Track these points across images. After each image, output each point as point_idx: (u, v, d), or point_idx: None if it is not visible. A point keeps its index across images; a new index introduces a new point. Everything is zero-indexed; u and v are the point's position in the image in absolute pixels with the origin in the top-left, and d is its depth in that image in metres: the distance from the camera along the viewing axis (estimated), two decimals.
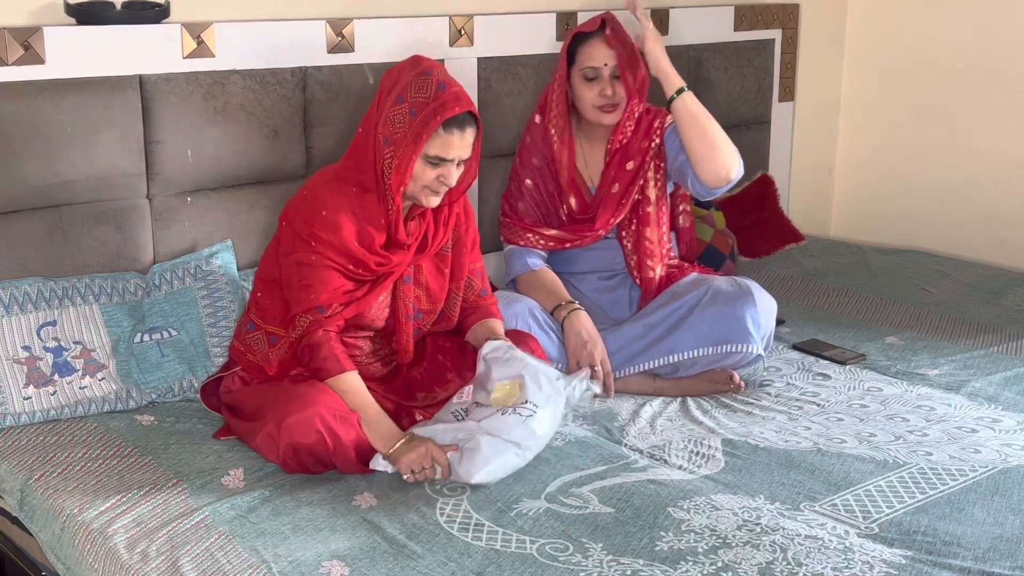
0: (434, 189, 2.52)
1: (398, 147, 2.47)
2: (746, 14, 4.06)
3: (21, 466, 2.41)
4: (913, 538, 2.14)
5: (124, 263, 2.87)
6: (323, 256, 2.47)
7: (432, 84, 2.47)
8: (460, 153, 2.49)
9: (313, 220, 2.49)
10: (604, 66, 2.94)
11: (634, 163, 3.02)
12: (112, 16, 2.78)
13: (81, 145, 2.75)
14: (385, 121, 2.48)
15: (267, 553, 2.04)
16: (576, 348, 2.85)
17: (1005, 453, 2.51)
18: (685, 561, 2.05)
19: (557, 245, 3.07)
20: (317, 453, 2.34)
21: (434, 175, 2.49)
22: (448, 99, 2.45)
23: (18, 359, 2.59)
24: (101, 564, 2.09)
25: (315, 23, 3.07)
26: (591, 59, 2.96)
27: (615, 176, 3.03)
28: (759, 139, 4.22)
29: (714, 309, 2.87)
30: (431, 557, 2.05)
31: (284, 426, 2.32)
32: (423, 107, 2.45)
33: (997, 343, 3.22)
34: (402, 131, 2.46)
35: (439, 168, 2.49)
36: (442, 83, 2.48)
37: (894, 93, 4.38)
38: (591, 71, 2.95)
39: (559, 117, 3.03)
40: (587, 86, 2.97)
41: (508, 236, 3.11)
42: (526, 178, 3.10)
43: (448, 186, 2.53)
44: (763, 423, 2.69)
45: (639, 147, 3.02)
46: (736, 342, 2.85)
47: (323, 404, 2.36)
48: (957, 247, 4.15)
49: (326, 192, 2.53)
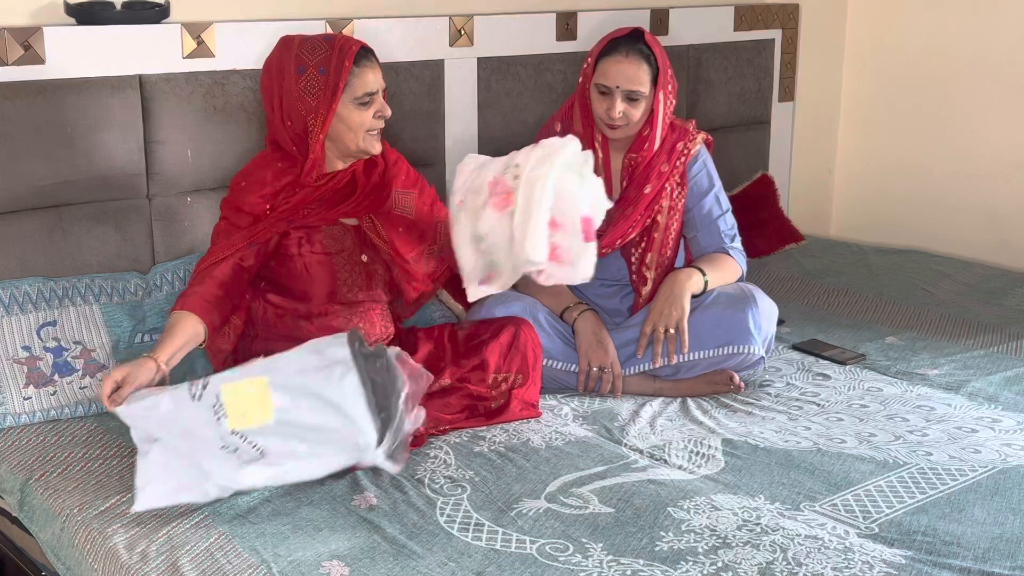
0: (375, 129, 2.59)
1: (320, 103, 2.52)
2: (746, 14, 4.06)
3: (21, 466, 2.41)
4: (913, 538, 2.14)
5: (124, 263, 2.87)
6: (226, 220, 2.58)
7: (321, 40, 2.55)
8: (380, 82, 2.58)
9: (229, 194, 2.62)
10: (616, 88, 2.84)
11: (652, 188, 2.94)
12: (112, 16, 2.79)
13: (81, 145, 2.76)
14: (300, 96, 2.51)
15: (267, 553, 2.04)
16: (589, 348, 2.85)
17: (1005, 453, 2.51)
18: (685, 561, 2.05)
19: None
20: None
21: (371, 112, 2.56)
22: (343, 43, 2.54)
23: (18, 359, 2.59)
24: (101, 564, 2.09)
25: (315, 23, 3.07)
26: (605, 76, 2.85)
27: (632, 198, 2.96)
28: (759, 139, 4.22)
29: (716, 311, 2.87)
30: (431, 557, 2.05)
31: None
32: (327, 61, 2.51)
33: (997, 343, 3.22)
34: (320, 89, 2.51)
35: (371, 105, 2.56)
36: (328, 36, 2.57)
37: (894, 93, 4.38)
38: (603, 87, 2.87)
39: (588, 134, 2.93)
40: (599, 99, 2.89)
41: None
42: None
43: (386, 116, 2.59)
44: (763, 423, 2.69)
45: (659, 170, 2.95)
46: (737, 344, 2.84)
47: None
48: (957, 247, 4.15)
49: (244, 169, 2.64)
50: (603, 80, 2.86)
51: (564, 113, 3.04)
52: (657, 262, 3.01)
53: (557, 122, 3.03)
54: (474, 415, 2.64)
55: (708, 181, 3.03)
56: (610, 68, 2.85)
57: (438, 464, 2.42)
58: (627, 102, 2.85)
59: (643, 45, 2.85)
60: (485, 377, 2.68)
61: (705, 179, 3.02)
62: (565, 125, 3.00)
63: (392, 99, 3.22)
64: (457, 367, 2.67)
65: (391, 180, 2.70)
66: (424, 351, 2.72)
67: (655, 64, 2.86)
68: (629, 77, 2.83)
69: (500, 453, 2.48)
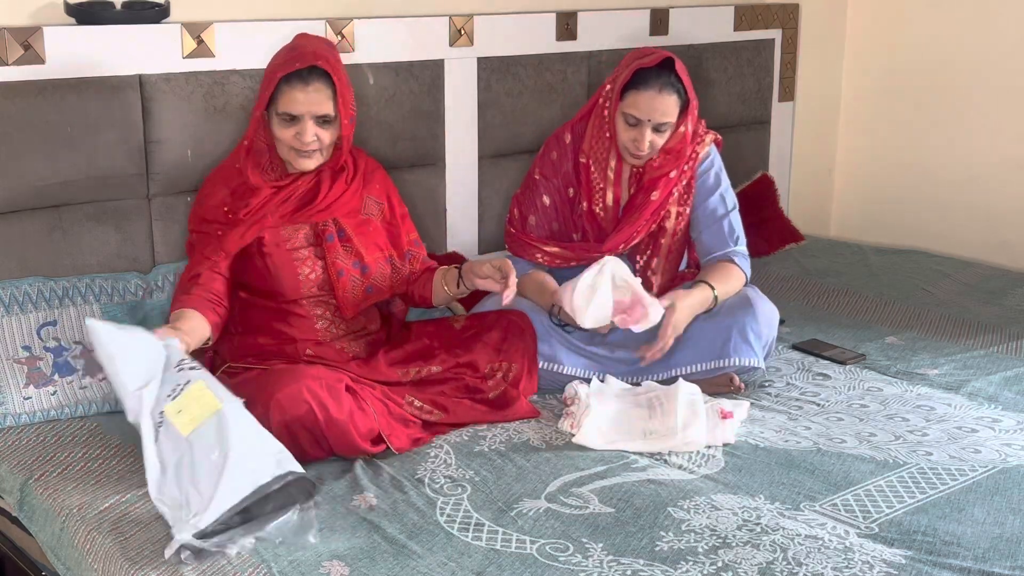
0: (297, 149, 2.59)
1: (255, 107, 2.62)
2: (746, 14, 4.06)
3: (21, 466, 2.41)
4: (913, 538, 2.14)
5: (124, 263, 2.87)
6: (195, 232, 2.66)
7: (286, 49, 2.59)
8: (311, 108, 2.55)
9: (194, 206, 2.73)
10: (647, 121, 2.84)
11: (659, 194, 2.94)
12: (112, 16, 2.79)
13: (81, 145, 2.76)
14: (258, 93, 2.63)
15: (267, 553, 2.04)
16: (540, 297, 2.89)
17: (1005, 453, 2.51)
18: (685, 561, 2.05)
19: (563, 263, 3.00)
20: (309, 427, 2.33)
21: (291, 133, 2.57)
22: (292, 57, 2.55)
23: (18, 359, 2.59)
24: (101, 564, 2.08)
25: (315, 23, 3.07)
26: (635, 108, 2.84)
27: (640, 204, 2.95)
28: (759, 139, 4.22)
29: (714, 323, 2.85)
30: (431, 557, 2.05)
31: (274, 402, 2.31)
32: (272, 68, 2.59)
33: (997, 343, 3.22)
34: (259, 93, 2.61)
35: (293, 125, 2.56)
36: (296, 47, 2.59)
37: (894, 93, 4.38)
38: (632, 119, 2.85)
39: (600, 153, 2.94)
40: (626, 129, 2.87)
41: (513, 248, 3.06)
42: (544, 194, 3.02)
43: (305, 144, 2.58)
44: (763, 423, 2.68)
45: (667, 177, 2.94)
46: (735, 356, 2.82)
47: (311, 376, 2.37)
48: (957, 247, 4.15)
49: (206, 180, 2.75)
50: (633, 111, 2.84)
51: (575, 127, 3.02)
52: (663, 267, 3.00)
53: (567, 133, 3.02)
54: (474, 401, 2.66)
55: (715, 180, 3.02)
56: (642, 102, 2.83)
57: (438, 464, 2.42)
58: (654, 132, 2.86)
59: (675, 78, 2.84)
60: (479, 370, 2.70)
61: (712, 178, 3.01)
62: (576, 138, 2.99)
63: (392, 99, 3.23)
64: (449, 355, 2.69)
65: (360, 188, 2.75)
66: (418, 345, 2.73)
67: (684, 95, 2.87)
68: (663, 112, 2.83)
69: (500, 453, 2.48)
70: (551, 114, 3.58)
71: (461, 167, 3.44)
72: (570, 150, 3.01)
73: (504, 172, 3.53)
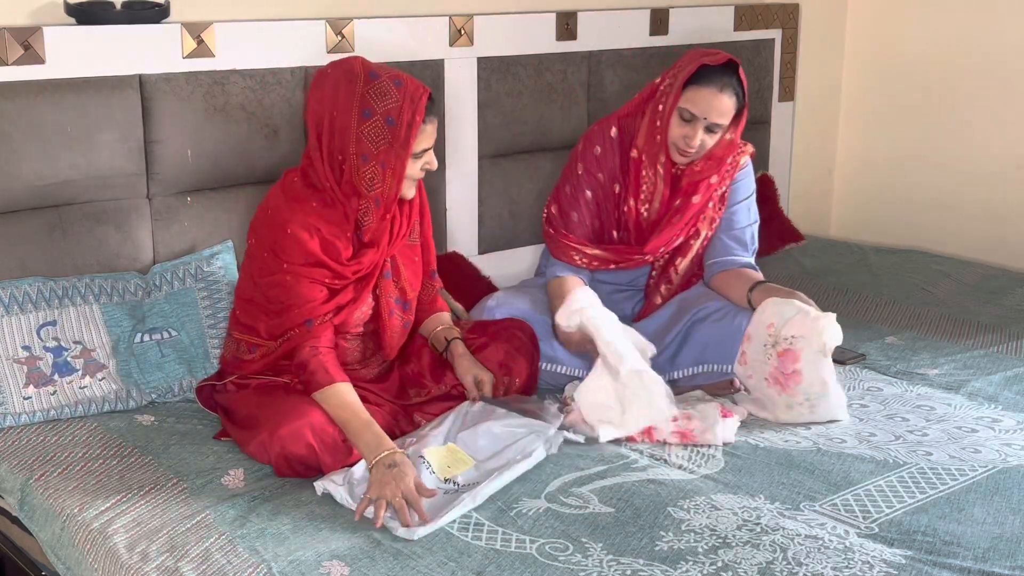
0: (416, 178, 2.55)
1: (386, 158, 2.44)
2: (746, 14, 4.06)
3: (21, 466, 2.41)
4: (913, 538, 2.14)
5: (124, 263, 2.87)
6: (297, 274, 2.46)
7: (389, 86, 2.44)
8: (435, 136, 2.53)
9: (281, 239, 2.47)
10: (703, 119, 2.81)
11: (701, 198, 2.92)
12: (112, 16, 2.78)
13: (81, 145, 2.75)
14: (358, 139, 2.43)
15: (267, 553, 2.04)
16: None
17: (1005, 453, 2.51)
18: (685, 561, 2.05)
19: (601, 265, 2.97)
20: (308, 462, 2.35)
21: (419, 166, 2.52)
22: (412, 92, 2.44)
23: (18, 359, 2.59)
24: (101, 564, 2.09)
25: (315, 23, 3.07)
26: (694, 104, 2.80)
27: (680, 207, 2.93)
28: (759, 139, 4.22)
29: (717, 327, 2.83)
30: (431, 557, 2.05)
31: (277, 436, 2.32)
32: (397, 112, 2.43)
33: (997, 343, 3.22)
34: (385, 142, 2.43)
35: (422, 158, 2.52)
36: (396, 79, 2.46)
37: (894, 93, 4.38)
38: (688, 114, 2.82)
39: (652, 149, 2.89)
40: (679, 124, 2.84)
41: (552, 249, 3.01)
42: (587, 189, 2.97)
43: (431, 169, 2.55)
44: (763, 423, 2.69)
45: (708, 182, 2.93)
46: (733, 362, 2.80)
47: (315, 415, 2.36)
48: (957, 247, 4.15)
49: (288, 212, 2.49)
50: (691, 107, 2.81)
51: (623, 121, 2.97)
52: (687, 268, 3.00)
53: (612, 127, 2.98)
54: None
55: (747, 190, 3.02)
56: (702, 98, 2.80)
57: None
58: (706, 132, 2.84)
59: (736, 81, 2.82)
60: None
61: (745, 188, 3.01)
62: (624, 132, 2.96)
63: None
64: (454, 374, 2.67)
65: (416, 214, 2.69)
66: (427, 359, 2.72)
67: (742, 100, 2.85)
68: (720, 111, 2.81)
69: None
70: (551, 114, 3.58)
71: (461, 167, 3.44)
72: (618, 144, 2.96)
73: (504, 172, 3.52)
